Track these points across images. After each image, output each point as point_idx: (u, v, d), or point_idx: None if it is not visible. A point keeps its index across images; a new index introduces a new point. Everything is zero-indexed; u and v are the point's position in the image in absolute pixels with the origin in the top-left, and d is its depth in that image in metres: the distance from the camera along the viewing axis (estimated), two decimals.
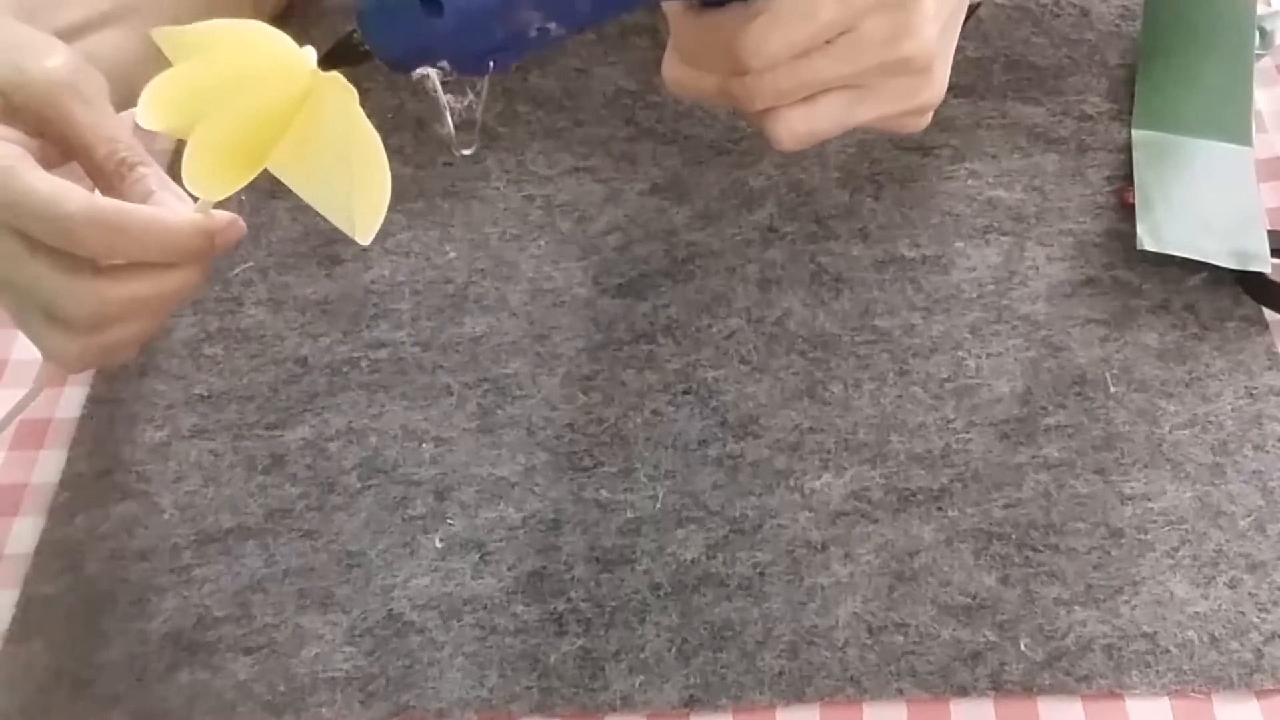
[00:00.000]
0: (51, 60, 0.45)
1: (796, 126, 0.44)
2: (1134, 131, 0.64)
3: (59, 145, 0.45)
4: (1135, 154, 0.63)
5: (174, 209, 0.43)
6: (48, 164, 0.44)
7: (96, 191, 0.43)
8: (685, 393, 0.55)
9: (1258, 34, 0.69)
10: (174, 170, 0.42)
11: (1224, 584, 0.49)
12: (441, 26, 0.40)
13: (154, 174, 0.44)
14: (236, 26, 0.42)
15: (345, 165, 0.42)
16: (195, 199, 0.43)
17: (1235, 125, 0.64)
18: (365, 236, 0.42)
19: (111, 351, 0.45)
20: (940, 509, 0.51)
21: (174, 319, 0.59)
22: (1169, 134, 0.64)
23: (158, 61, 0.43)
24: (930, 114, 0.46)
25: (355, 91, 0.41)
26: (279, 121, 0.41)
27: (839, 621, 0.49)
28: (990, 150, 0.64)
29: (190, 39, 0.42)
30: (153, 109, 0.41)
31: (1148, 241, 0.58)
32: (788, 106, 0.43)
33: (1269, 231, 0.58)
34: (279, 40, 0.42)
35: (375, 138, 0.41)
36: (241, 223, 0.44)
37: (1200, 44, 0.67)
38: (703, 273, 0.60)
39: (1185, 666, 0.47)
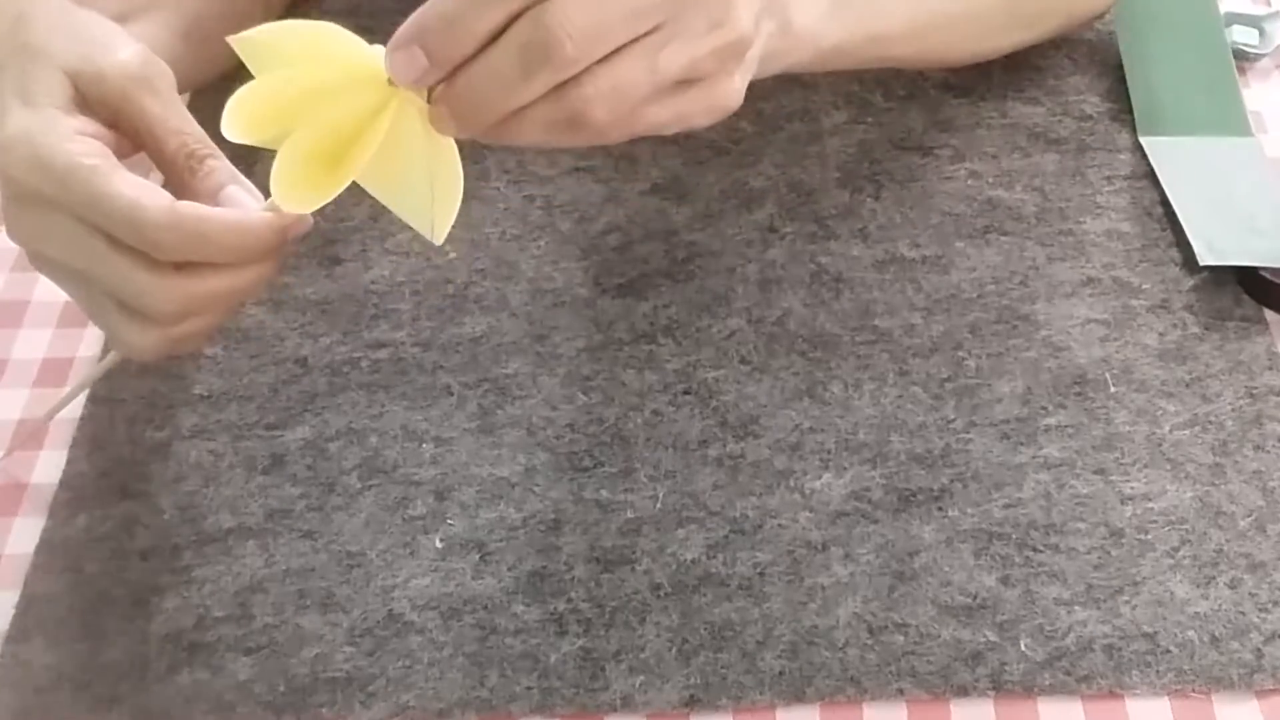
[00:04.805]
0: (123, 53, 0.45)
1: (601, 84, 0.40)
2: (1141, 139, 0.63)
3: (130, 137, 0.45)
4: (1154, 163, 0.62)
5: (246, 205, 0.44)
6: (120, 155, 0.44)
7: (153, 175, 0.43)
8: (685, 393, 0.55)
9: (1257, 33, 0.69)
10: None
11: (1224, 584, 0.49)
12: None
13: (223, 166, 0.45)
14: (310, 29, 0.42)
15: (424, 171, 0.42)
16: (266, 195, 0.43)
17: (1231, 116, 0.64)
18: (440, 238, 0.43)
19: (183, 342, 0.46)
20: (940, 509, 0.51)
21: None
22: (1176, 137, 0.63)
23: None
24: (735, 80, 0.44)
25: (426, 93, 0.41)
26: (359, 130, 0.42)
27: (839, 621, 0.49)
28: (990, 150, 0.64)
29: (264, 42, 0.42)
30: (237, 121, 0.41)
31: (1208, 257, 0.58)
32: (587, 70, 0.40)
33: None
34: (354, 45, 0.42)
35: (451, 141, 0.42)
36: (309, 217, 0.44)
37: (1174, 41, 0.67)
38: (703, 273, 0.60)
39: (1185, 666, 0.47)
